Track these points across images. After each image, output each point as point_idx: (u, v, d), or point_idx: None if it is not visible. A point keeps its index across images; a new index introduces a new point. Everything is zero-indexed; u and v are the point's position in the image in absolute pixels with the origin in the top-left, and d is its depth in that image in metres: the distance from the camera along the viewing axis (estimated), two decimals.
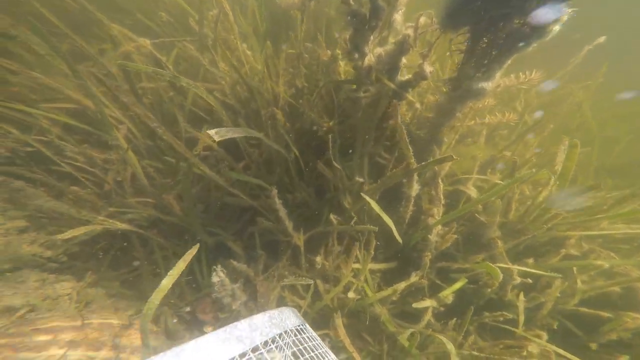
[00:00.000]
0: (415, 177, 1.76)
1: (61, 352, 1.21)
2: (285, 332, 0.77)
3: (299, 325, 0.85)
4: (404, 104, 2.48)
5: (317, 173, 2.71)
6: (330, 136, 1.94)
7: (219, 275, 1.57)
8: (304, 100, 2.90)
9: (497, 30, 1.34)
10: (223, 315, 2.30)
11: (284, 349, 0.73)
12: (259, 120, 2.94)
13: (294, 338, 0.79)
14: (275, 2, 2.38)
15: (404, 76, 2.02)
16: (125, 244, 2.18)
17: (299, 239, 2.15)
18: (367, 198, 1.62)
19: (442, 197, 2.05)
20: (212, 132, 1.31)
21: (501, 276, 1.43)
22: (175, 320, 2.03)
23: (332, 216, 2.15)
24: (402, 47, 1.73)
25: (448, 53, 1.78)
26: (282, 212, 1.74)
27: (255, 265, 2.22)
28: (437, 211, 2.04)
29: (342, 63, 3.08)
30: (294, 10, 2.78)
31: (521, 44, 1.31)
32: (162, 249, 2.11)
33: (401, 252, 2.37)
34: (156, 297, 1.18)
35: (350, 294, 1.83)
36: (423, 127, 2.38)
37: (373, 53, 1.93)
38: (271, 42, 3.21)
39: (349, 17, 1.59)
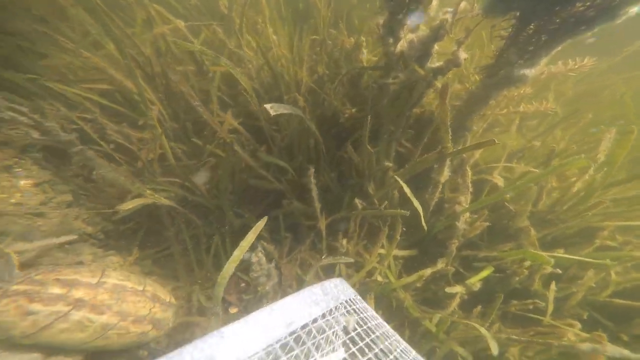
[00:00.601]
0: (448, 162, 1.74)
1: (65, 309, 1.25)
2: (347, 300, 0.79)
3: (355, 296, 0.86)
4: (430, 93, 2.44)
5: (337, 160, 2.72)
6: (365, 119, 1.92)
7: (257, 255, 1.61)
8: (326, 88, 2.89)
9: (552, 15, 1.28)
10: (247, 297, 2.35)
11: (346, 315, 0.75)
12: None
13: (355, 307, 0.80)
14: None
15: (434, 63, 1.99)
16: (146, 226, 2.24)
17: (322, 223, 2.17)
18: (399, 180, 1.62)
19: (469, 184, 2.02)
20: (268, 106, 1.37)
21: (552, 262, 1.41)
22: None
23: (357, 200, 2.15)
24: (437, 33, 1.69)
25: (485, 39, 1.73)
26: (315, 192, 1.75)
27: (280, 248, 2.25)
28: (465, 199, 2.02)
29: (365, 51, 3.04)
30: None
31: (582, 28, 1.24)
32: (194, 228, 2.16)
33: (423, 240, 2.36)
34: (229, 267, 1.25)
35: (378, 277, 1.84)
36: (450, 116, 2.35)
37: (405, 39, 1.89)
38: (294, 28, 3.19)
39: (385, 1, 1.56)
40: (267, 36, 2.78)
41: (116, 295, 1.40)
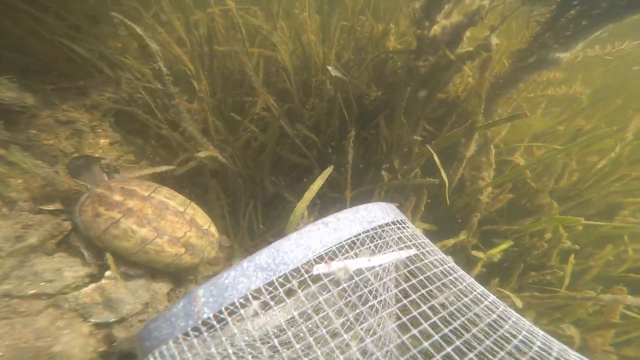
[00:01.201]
0: (476, 136, 1.87)
1: (118, 217, 1.35)
2: (394, 222, 0.88)
3: (404, 220, 0.94)
4: (456, 78, 2.54)
5: (362, 138, 2.86)
6: (399, 94, 2.06)
7: (302, 209, 1.77)
8: (353, 71, 3.04)
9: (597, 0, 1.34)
10: None
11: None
12: (309, 88, 3.10)
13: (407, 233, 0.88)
14: None
15: (464, 48, 2.10)
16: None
17: (349, 193, 2.33)
18: (431, 150, 1.76)
19: (493, 162, 2.14)
20: (330, 67, 1.52)
21: (581, 219, 1.48)
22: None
23: (383, 172, 2.30)
24: (472, 19, 1.79)
25: (514, 27, 1.82)
26: (350, 156, 1.90)
27: (312, 212, 2.43)
28: (488, 175, 2.13)
29: (392, 38, 3.16)
30: None
31: (633, 11, 1.28)
32: (231, 194, 2.37)
33: (443, 217, 2.49)
34: (301, 205, 1.41)
35: None
36: (472, 101, 2.45)
37: (439, 24, 2.01)
38: (325, 14, 3.33)
39: None
40: (301, 21, 2.95)
41: (158, 211, 1.43)
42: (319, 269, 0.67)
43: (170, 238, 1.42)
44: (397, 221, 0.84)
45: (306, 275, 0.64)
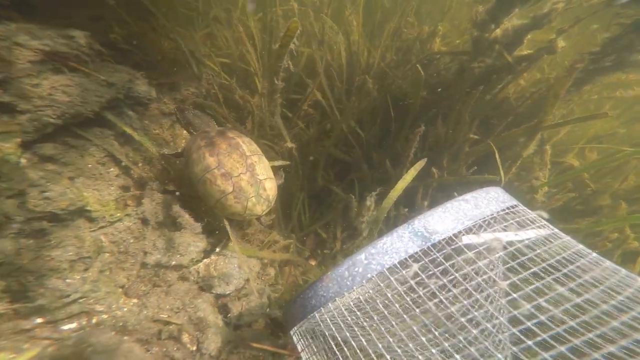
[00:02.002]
0: (539, 136, 1.88)
1: (201, 144, 1.51)
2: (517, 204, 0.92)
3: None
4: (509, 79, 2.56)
5: (405, 137, 2.92)
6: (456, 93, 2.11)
7: (371, 199, 1.85)
8: (399, 71, 3.10)
9: None
10: (326, 251, 2.66)
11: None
12: (351, 87, 3.18)
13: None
14: None
15: (523, 51, 2.11)
16: None
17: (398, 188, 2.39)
18: (493, 146, 1.80)
19: (548, 162, 2.15)
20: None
21: None
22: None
23: (433, 169, 2.36)
24: (539, 22, 1.81)
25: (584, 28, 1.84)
26: (412, 151, 1.97)
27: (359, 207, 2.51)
28: (543, 175, 2.15)
29: (437, 40, 3.21)
30: None
31: None
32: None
33: None
34: (393, 194, 1.49)
35: None
36: (524, 103, 2.45)
37: (501, 26, 2.04)
38: (370, 15, 3.41)
39: None
40: (349, 22, 3.04)
41: (230, 149, 1.52)
42: (471, 238, 0.75)
43: (225, 172, 1.46)
44: (519, 204, 0.89)
45: (460, 244, 0.71)
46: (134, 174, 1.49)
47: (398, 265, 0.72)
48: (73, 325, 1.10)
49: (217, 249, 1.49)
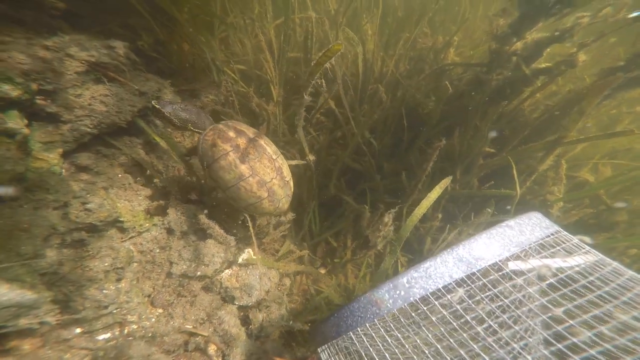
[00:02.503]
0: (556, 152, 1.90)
1: (228, 149, 1.44)
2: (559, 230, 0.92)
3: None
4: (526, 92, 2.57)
5: (417, 147, 2.93)
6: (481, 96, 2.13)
7: (389, 216, 1.86)
8: (412, 81, 3.12)
9: None
10: (336, 260, 2.66)
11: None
12: (363, 95, 3.20)
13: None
14: None
15: (541, 64, 2.13)
16: None
17: (410, 200, 2.40)
18: (510, 159, 1.81)
19: (563, 176, 2.16)
20: None
21: None
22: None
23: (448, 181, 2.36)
24: (561, 36, 1.82)
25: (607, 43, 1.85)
26: (429, 164, 1.97)
27: (371, 217, 2.52)
28: (558, 189, 2.16)
29: (452, 50, 3.23)
30: None
31: None
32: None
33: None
34: (418, 212, 1.50)
35: None
36: (541, 116, 2.46)
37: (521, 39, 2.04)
38: (385, 25, 3.44)
39: (521, 3, 1.73)
40: (364, 31, 3.06)
41: (258, 154, 1.50)
42: (517, 264, 0.75)
43: (260, 180, 1.48)
44: (561, 230, 0.89)
45: (507, 270, 0.72)
46: (158, 183, 1.50)
47: (442, 290, 0.73)
48: (107, 335, 1.11)
49: (240, 260, 1.49)
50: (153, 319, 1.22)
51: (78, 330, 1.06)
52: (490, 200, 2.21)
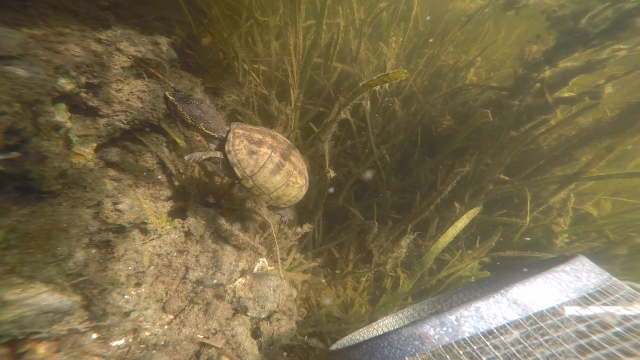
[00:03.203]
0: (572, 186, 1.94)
1: (269, 152, 1.41)
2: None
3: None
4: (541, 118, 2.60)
5: (429, 167, 2.95)
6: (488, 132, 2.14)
7: (405, 241, 1.85)
8: (430, 98, 3.14)
9: None
10: (337, 271, 2.65)
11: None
12: (377, 106, 3.19)
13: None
14: None
15: (564, 93, 2.17)
16: None
17: (414, 219, 2.41)
18: (527, 190, 1.84)
19: (570, 209, 2.22)
20: None
21: None
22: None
23: (456, 204, 2.39)
24: (592, 66, 1.84)
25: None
26: (447, 187, 1.99)
27: (377, 232, 2.52)
28: (564, 221, 2.21)
29: (472, 70, 3.26)
30: None
31: None
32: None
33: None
34: (444, 240, 1.49)
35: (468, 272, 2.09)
36: (558, 148, 2.49)
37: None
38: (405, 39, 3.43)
39: (561, 34, 1.74)
40: (388, 44, 3.05)
41: (286, 147, 1.50)
42: (576, 310, 0.75)
43: (300, 171, 1.51)
44: (611, 276, 0.89)
45: (566, 315, 0.72)
46: (177, 184, 1.44)
47: (495, 331, 0.72)
48: (121, 342, 1.05)
49: (255, 269, 1.46)
50: (166, 326, 1.17)
51: (94, 335, 1.00)
52: (498, 227, 2.24)
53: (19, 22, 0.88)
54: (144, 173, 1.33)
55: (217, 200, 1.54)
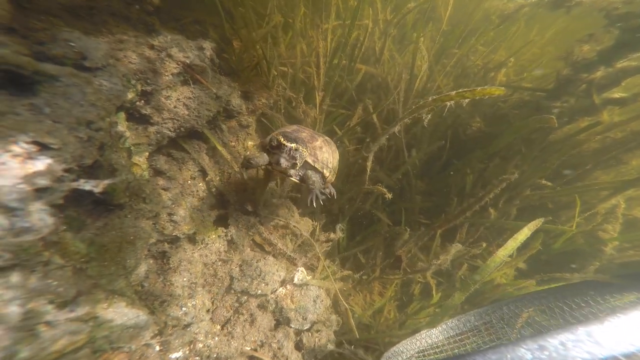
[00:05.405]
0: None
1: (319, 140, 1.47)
2: None
3: None
4: (584, 121, 2.45)
5: (462, 171, 2.84)
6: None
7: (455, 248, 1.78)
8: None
9: None
10: (364, 277, 2.59)
11: None
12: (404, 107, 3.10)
13: None
14: None
15: (615, 93, 2.02)
16: None
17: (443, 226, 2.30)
18: (576, 197, 1.72)
19: (619, 216, 2.07)
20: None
21: None
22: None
23: (491, 210, 2.28)
24: None
25: None
26: (489, 195, 1.89)
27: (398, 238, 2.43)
28: (613, 228, 2.07)
29: (503, 71, 3.14)
30: None
31: None
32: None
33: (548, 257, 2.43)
34: (502, 253, 1.44)
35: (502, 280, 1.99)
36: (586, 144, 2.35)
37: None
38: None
39: (623, 32, 1.62)
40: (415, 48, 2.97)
41: (307, 128, 1.53)
42: None
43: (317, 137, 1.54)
44: None
45: None
46: (217, 192, 1.42)
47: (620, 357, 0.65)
48: (179, 354, 1.03)
49: (296, 280, 1.42)
50: (216, 338, 1.14)
51: (157, 347, 0.98)
52: (538, 234, 2.12)
53: (88, 30, 0.88)
54: (188, 181, 1.32)
55: (254, 207, 1.51)
